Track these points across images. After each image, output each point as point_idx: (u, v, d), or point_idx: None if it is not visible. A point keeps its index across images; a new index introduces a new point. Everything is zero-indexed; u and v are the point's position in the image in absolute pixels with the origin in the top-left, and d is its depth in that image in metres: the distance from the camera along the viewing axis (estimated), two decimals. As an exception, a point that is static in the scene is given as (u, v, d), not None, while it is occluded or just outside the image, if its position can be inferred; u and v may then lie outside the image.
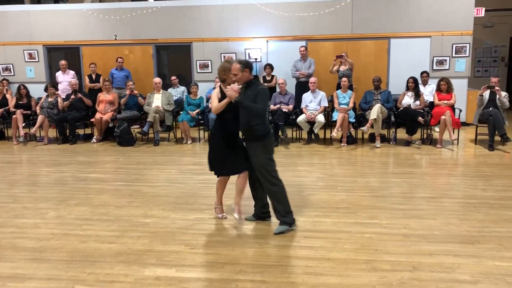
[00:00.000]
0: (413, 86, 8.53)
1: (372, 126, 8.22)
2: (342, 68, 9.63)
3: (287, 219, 4.28)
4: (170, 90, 10.07)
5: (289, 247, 3.92)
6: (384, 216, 4.66)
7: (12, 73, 11.66)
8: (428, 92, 9.29)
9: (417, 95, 8.49)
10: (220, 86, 4.39)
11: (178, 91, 10.26)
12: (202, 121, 9.42)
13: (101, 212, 4.89)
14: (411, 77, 8.62)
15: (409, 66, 10.07)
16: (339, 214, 4.73)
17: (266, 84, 10.02)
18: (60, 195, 5.59)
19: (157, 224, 4.53)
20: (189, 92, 9.76)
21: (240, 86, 4.16)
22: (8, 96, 9.83)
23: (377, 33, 10.53)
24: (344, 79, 8.78)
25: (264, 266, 3.58)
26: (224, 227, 4.43)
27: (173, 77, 10.38)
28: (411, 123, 8.23)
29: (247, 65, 4.17)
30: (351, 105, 8.57)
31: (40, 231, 4.38)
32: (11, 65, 11.65)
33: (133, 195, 5.53)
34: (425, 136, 8.66)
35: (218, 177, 4.57)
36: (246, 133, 4.25)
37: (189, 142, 8.99)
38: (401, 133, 8.70)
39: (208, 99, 9.59)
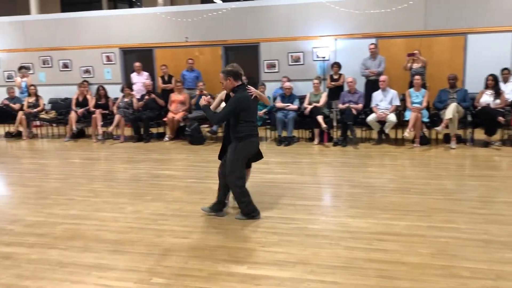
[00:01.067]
0: (493, 84, 8.06)
1: (447, 126, 7.87)
2: (415, 66, 9.29)
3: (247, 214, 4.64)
4: (238, 90, 10.22)
5: (360, 249, 3.85)
6: (461, 220, 4.44)
7: (92, 75, 12.39)
8: (509, 90, 8.71)
9: (497, 93, 8.01)
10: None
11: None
12: (269, 121, 9.49)
13: (174, 208, 5.08)
14: (491, 75, 8.15)
15: (488, 63, 9.51)
16: (412, 217, 4.57)
17: (333, 83, 9.92)
18: (136, 190, 5.87)
19: (227, 221, 4.62)
20: (257, 92, 9.83)
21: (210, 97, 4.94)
22: (88, 97, 10.45)
23: (452, 29, 10.05)
24: (417, 77, 8.47)
25: (336, 267, 3.54)
26: (293, 226, 4.43)
27: (244, 77, 10.52)
28: (490, 123, 7.78)
29: (229, 73, 4.47)
30: (424, 104, 8.25)
31: (119, 225, 4.62)
32: (90, 68, 12.38)
33: (204, 192, 5.68)
34: (505, 137, 8.15)
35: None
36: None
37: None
38: (479, 134, 8.25)
39: (275, 99, 9.64)
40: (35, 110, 10.51)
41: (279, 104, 9.02)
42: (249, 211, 4.64)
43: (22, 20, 12.86)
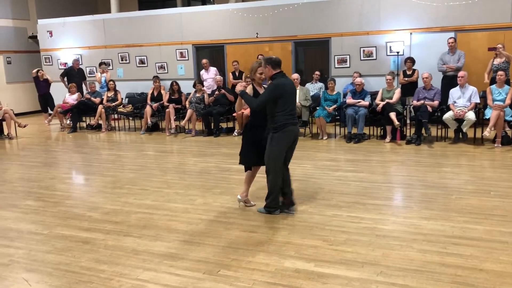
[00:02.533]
0: None
1: (533, 126, 7.30)
2: (497, 61, 8.70)
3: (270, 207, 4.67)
4: (307, 85, 10.16)
5: (434, 252, 3.67)
6: (549, 228, 4.10)
7: (166, 71, 12.85)
8: None
9: None
10: (252, 84, 4.78)
11: (315, 87, 10.30)
12: (338, 117, 9.32)
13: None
14: None
15: None
16: (492, 222, 4.29)
17: (406, 79, 9.54)
18: (206, 183, 6.01)
19: (295, 217, 4.60)
20: (326, 88, 9.71)
21: (248, 83, 4.83)
22: (162, 92, 10.85)
23: (542, 20, 9.29)
24: (500, 73, 7.91)
25: (407, 270, 3.40)
26: (363, 226, 4.32)
27: (317, 72, 10.47)
28: None
29: (267, 61, 4.57)
30: (508, 101, 7.69)
31: (190, 216, 4.75)
32: (165, 64, 12.84)
33: (272, 187, 5.68)
34: None
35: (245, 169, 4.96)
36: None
37: (324, 138, 8.96)
38: None
39: (345, 95, 9.45)
40: (113, 104, 11.09)
41: (349, 100, 8.83)
42: (272, 206, 4.66)
43: (102, 18, 13.60)
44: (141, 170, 6.89)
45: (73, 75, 12.25)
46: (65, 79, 12.29)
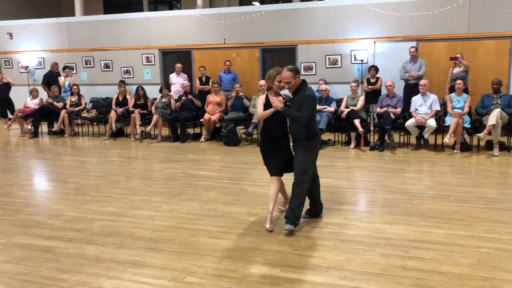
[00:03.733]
0: (540, 89, 7.73)
1: (489, 133, 7.59)
2: (456, 70, 9.03)
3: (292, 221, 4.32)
4: (274, 92, 10.23)
5: (397, 256, 3.76)
6: (503, 230, 4.27)
7: (131, 75, 12.67)
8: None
9: (545, 99, 7.67)
10: (267, 94, 4.61)
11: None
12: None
13: (209, 208, 5.11)
14: (538, 80, 7.83)
15: (536, 68, 9.15)
16: (452, 226, 4.43)
17: (370, 86, 9.76)
18: (172, 190, 5.95)
19: (262, 222, 4.60)
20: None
21: (286, 96, 4.54)
22: (128, 96, 10.70)
23: (498, 32, 9.70)
24: (459, 81, 8.22)
25: (370, 274, 3.47)
26: (328, 231, 4.38)
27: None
28: (536, 131, 7.46)
29: (298, 71, 4.37)
30: (466, 109, 7.99)
31: (155, 223, 4.69)
32: (131, 68, 12.67)
33: (239, 193, 5.70)
34: (553, 145, 7.79)
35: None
36: (293, 135, 4.51)
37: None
38: (524, 141, 7.94)
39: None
40: (77, 109, 10.85)
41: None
42: (298, 216, 4.38)
43: (66, 21, 13.31)
44: (105, 177, 6.76)
45: (54, 79, 11.88)
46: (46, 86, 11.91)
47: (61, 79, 11.91)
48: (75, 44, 13.09)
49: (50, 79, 11.94)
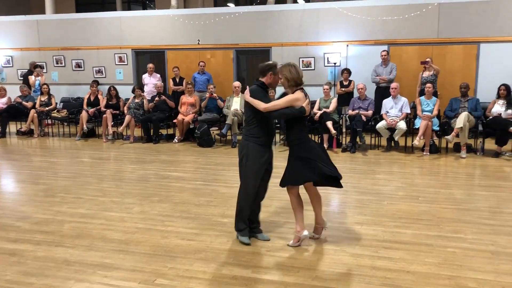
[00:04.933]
0: (505, 94, 7.99)
1: (457, 135, 7.79)
2: (426, 74, 9.24)
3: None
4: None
5: (366, 256, 3.82)
6: (469, 230, 4.40)
7: (104, 75, 12.48)
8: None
9: (509, 103, 7.92)
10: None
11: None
12: (278, 125, 9.46)
13: (181, 210, 5.09)
14: (503, 84, 8.08)
15: (501, 73, 9.45)
16: (420, 226, 4.53)
17: (343, 89, 9.89)
18: (144, 191, 5.89)
19: (233, 224, 4.60)
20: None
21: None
22: (99, 96, 10.53)
23: (465, 37, 9.98)
24: (428, 85, 8.41)
25: (341, 274, 3.52)
26: (300, 231, 4.41)
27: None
28: (501, 133, 7.70)
29: (268, 69, 4.28)
30: (435, 112, 8.19)
31: (126, 225, 4.64)
32: (103, 68, 12.48)
33: (211, 194, 5.69)
34: (517, 147, 8.05)
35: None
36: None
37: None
38: (490, 144, 8.17)
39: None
40: (47, 108, 10.61)
41: None
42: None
43: (36, 19, 13.01)
44: (76, 178, 6.63)
45: None
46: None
47: (32, 78, 11.63)
48: (46, 43, 12.81)
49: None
